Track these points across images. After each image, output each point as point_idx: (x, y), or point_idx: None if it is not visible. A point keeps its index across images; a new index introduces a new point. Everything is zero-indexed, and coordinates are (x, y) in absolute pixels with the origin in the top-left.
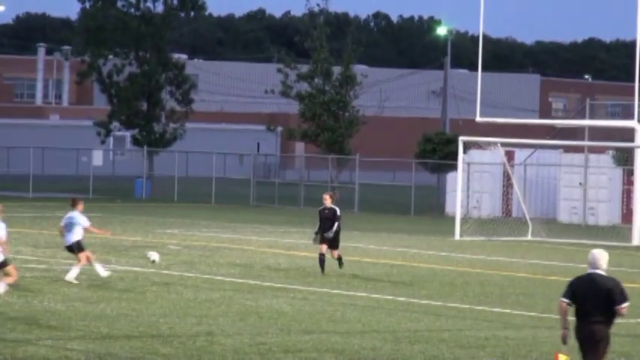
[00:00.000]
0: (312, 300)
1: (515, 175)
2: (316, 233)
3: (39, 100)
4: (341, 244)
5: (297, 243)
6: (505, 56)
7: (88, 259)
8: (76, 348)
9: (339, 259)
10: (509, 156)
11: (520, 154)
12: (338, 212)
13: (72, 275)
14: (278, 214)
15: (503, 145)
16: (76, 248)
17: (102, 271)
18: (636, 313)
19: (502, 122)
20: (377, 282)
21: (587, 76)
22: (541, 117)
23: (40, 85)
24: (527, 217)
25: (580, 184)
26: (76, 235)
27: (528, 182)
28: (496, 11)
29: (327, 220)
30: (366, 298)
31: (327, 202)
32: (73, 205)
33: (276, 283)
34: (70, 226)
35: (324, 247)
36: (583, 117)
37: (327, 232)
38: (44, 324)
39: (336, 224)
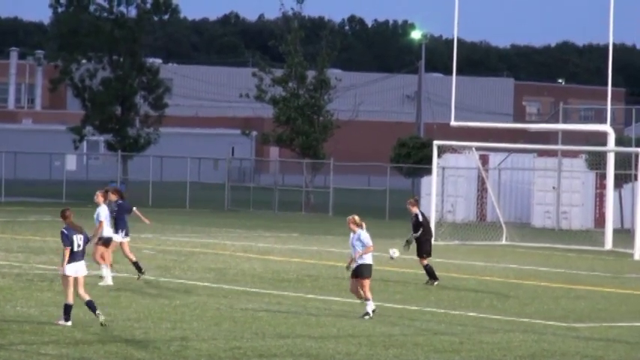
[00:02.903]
0: (287, 305)
1: (489, 180)
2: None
3: (11, 104)
4: (316, 247)
5: (272, 247)
6: (479, 60)
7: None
8: (49, 353)
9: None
10: (484, 160)
11: (494, 158)
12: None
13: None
14: (253, 218)
15: (477, 149)
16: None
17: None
18: (609, 317)
19: (476, 126)
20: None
21: (560, 80)
22: (515, 121)
23: (12, 89)
24: (502, 221)
25: (553, 187)
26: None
27: (502, 186)
28: (470, 15)
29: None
30: (340, 303)
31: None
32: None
33: (251, 288)
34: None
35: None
36: (556, 121)
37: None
38: (17, 329)
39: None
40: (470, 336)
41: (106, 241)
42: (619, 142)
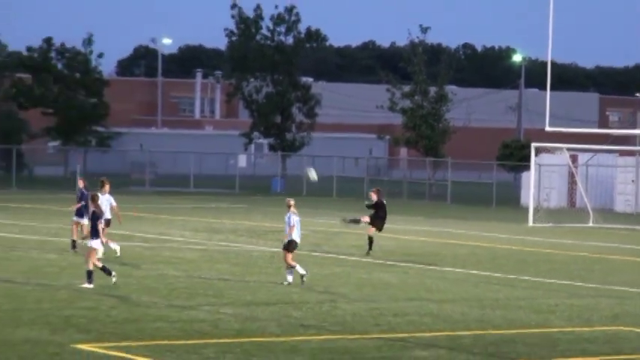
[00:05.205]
0: (412, 274)
1: (578, 174)
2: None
3: (197, 114)
4: (437, 229)
5: (402, 228)
6: (569, 78)
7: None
8: (227, 312)
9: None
10: (574, 159)
11: (582, 157)
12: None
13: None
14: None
15: (568, 149)
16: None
17: None
18: None
19: (567, 131)
20: (464, 260)
21: (637, 94)
22: (600, 127)
23: (197, 103)
24: (589, 207)
25: (632, 181)
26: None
27: (589, 180)
28: (562, 41)
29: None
30: (455, 273)
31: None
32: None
33: (385, 261)
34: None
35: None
36: (635, 127)
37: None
38: (202, 293)
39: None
40: (562, 300)
41: (107, 223)
42: None
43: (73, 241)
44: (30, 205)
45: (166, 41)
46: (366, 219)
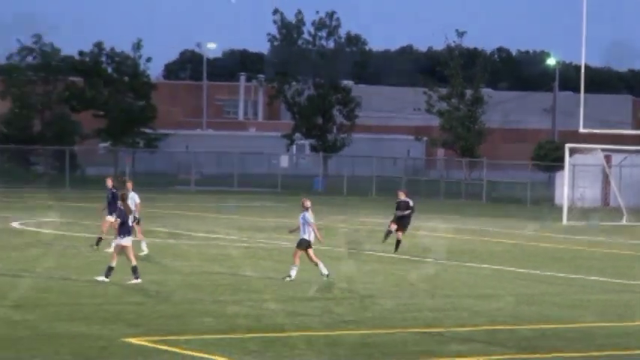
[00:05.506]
0: (450, 271)
1: (612, 174)
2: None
3: (240, 116)
4: (473, 227)
5: (439, 226)
6: (603, 81)
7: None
8: (270, 307)
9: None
10: (607, 159)
11: (616, 158)
12: (411, 203)
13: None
14: (424, 204)
15: (602, 150)
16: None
17: None
18: None
19: (601, 132)
20: (500, 257)
21: None
22: (633, 129)
23: (241, 105)
24: (622, 206)
25: None
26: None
27: (623, 179)
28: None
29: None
30: (491, 269)
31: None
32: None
33: (423, 258)
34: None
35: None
36: None
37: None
38: (246, 289)
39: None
40: (596, 296)
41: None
42: None
43: (99, 239)
44: (83, 204)
45: (211, 46)
46: (394, 226)
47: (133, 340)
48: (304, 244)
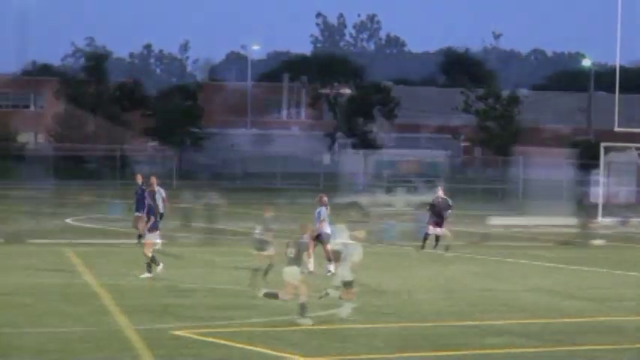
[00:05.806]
0: (487, 265)
1: None
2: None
3: (284, 115)
4: (514, 221)
5: (477, 223)
6: (637, 81)
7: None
8: (311, 301)
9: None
10: None
11: None
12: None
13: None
14: (461, 201)
15: (637, 148)
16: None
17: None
18: None
19: (635, 131)
20: (536, 252)
21: None
22: None
23: (284, 105)
24: None
25: None
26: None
27: None
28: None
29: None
30: (528, 264)
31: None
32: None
33: (461, 254)
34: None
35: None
36: None
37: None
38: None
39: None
40: (630, 290)
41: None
42: None
43: (139, 236)
44: (133, 201)
45: (255, 48)
46: (433, 229)
47: (181, 333)
48: (323, 238)
